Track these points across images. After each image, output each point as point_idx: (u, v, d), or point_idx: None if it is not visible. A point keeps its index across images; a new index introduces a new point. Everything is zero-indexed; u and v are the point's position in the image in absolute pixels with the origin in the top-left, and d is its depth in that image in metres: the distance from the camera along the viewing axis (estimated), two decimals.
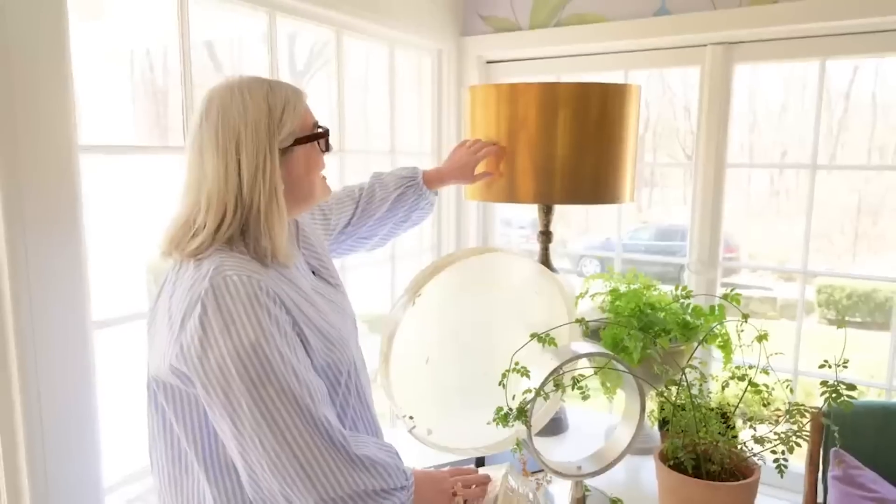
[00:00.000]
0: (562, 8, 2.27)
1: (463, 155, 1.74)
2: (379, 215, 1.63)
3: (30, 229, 1.21)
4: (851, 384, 1.23)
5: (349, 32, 2.05)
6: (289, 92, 1.14)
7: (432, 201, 1.72)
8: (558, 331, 1.44)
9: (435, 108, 2.52)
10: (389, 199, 1.63)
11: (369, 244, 1.71)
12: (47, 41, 1.22)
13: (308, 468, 1.01)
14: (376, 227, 1.66)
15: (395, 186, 1.64)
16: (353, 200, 1.62)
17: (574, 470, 1.42)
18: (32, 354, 1.23)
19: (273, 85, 1.13)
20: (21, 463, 1.24)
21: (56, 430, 1.29)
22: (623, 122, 1.70)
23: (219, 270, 1.02)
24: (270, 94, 1.11)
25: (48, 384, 1.26)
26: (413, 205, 1.68)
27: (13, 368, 1.21)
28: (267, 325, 1.01)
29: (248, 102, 1.09)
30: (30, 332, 1.22)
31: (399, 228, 1.72)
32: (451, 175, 1.73)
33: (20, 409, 1.23)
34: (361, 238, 1.67)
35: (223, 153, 1.07)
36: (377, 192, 1.63)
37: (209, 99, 1.11)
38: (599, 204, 1.73)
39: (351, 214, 1.61)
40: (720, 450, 1.30)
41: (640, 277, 1.82)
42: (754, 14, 1.96)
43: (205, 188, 1.08)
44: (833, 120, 12.82)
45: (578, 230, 12.41)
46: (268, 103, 1.10)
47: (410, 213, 1.69)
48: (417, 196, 1.67)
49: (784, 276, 10.56)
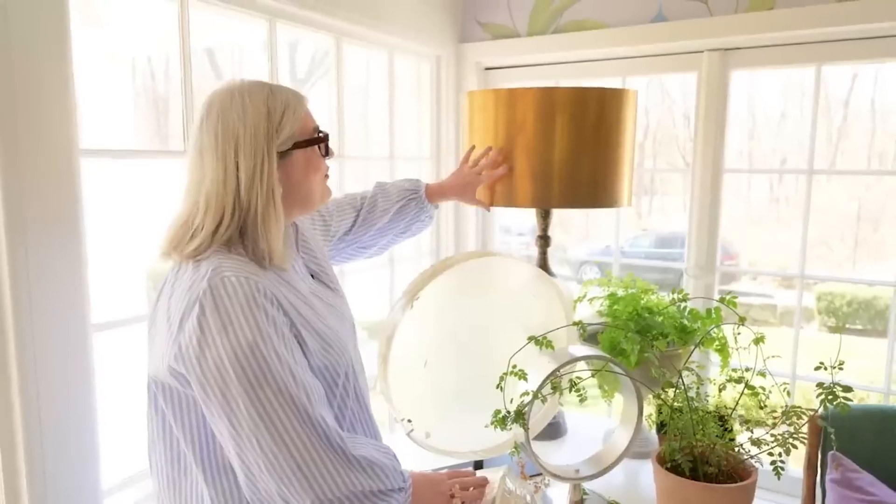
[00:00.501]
0: (560, 15, 2.28)
1: (467, 174, 1.74)
2: (380, 226, 1.64)
3: (30, 232, 1.22)
4: (848, 386, 1.23)
5: (349, 39, 2.07)
6: (289, 96, 1.15)
7: (432, 214, 1.73)
8: (556, 334, 1.45)
9: (434, 114, 2.54)
10: (391, 210, 1.64)
11: (368, 253, 1.72)
12: (49, 45, 1.23)
13: (305, 468, 1.02)
14: (376, 238, 1.67)
15: (397, 198, 1.65)
16: (354, 209, 1.62)
17: (572, 473, 1.42)
18: (32, 357, 1.23)
19: (274, 89, 1.14)
20: (20, 465, 1.24)
21: (55, 433, 1.29)
22: (620, 126, 1.71)
23: (217, 272, 1.03)
24: (270, 97, 1.12)
25: (47, 386, 1.27)
26: (414, 217, 1.69)
27: (13, 370, 1.22)
28: (264, 325, 1.02)
29: (247, 105, 1.10)
30: (29, 334, 1.23)
31: (398, 239, 1.74)
32: (453, 192, 1.74)
33: (19, 411, 1.23)
34: (361, 247, 1.68)
35: (222, 155, 1.08)
36: (379, 202, 1.64)
37: (210, 102, 1.12)
38: (597, 207, 1.74)
39: (352, 222, 1.62)
40: (717, 452, 1.31)
41: (638, 282, 1.83)
42: (750, 20, 1.97)
43: (203, 189, 1.09)
44: (832, 127, 12.83)
45: (578, 237, 12.42)
46: (267, 107, 1.11)
47: (410, 225, 1.70)
48: (419, 209, 1.68)
49: (784, 283, 10.56)
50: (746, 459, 1.31)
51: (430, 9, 2.31)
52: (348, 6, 1.94)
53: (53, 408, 1.28)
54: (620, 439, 1.45)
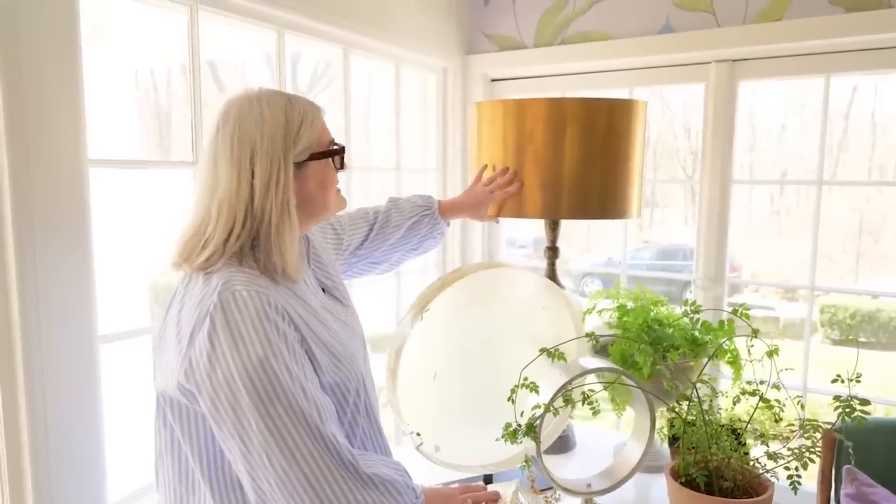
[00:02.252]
0: (566, 26, 2.28)
1: (480, 192, 1.74)
2: (392, 241, 1.63)
3: (38, 241, 1.21)
4: (865, 399, 1.21)
5: (356, 50, 2.07)
6: (307, 107, 1.14)
7: (444, 231, 1.73)
8: (565, 346, 1.43)
9: (440, 125, 2.53)
10: (404, 225, 1.63)
11: (379, 269, 1.71)
12: (59, 57, 1.23)
13: (317, 485, 1.00)
14: (388, 253, 1.66)
15: (410, 213, 1.64)
16: (367, 223, 1.61)
17: (584, 487, 1.40)
18: (39, 368, 1.22)
19: (292, 99, 1.13)
20: (26, 479, 1.23)
21: (61, 446, 1.27)
22: (630, 137, 1.70)
23: (228, 285, 1.01)
24: (289, 107, 1.11)
25: (54, 399, 1.25)
26: (426, 234, 1.68)
27: (20, 383, 1.20)
28: (275, 340, 1.00)
29: (265, 114, 1.08)
30: (37, 344, 1.21)
31: (409, 256, 1.72)
32: (466, 209, 1.74)
33: (26, 424, 1.21)
34: (372, 262, 1.66)
35: (237, 163, 1.06)
36: (392, 216, 1.63)
37: (227, 108, 1.10)
38: (607, 219, 1.73)
39: (364, 236, 1.60)
40: (732, 466, 1.29)
41: (648, 293, 1.81)
42: (759, 31, 1.97)
43: (217, 197, 1.07)
44: (833, 140, 12.86)
45: (580, 249, 12.41)
46: (286, 116, 1.09)
47: (422, 242, 1.69)
48: (431, 225, 1.68)
49: (787, 295, 10.54)
50: (762, 474, 1.29)
51: (437, 20, 2.31)
52: (357, 17, 1.94)
53: (60, 421, 1.26)
54: (633, 453, 1.43)
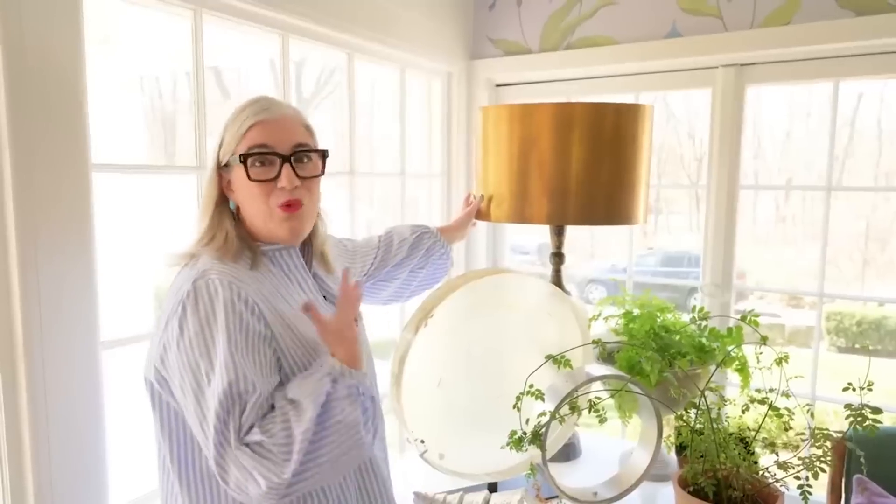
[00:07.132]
0: (572, 31, 2.27)
1: (462, 216, 1.86)
2: (399, 258, 1.65)
3: (42, 246, 1.20)
4: (877, 408, 1.19)
5: (360, 55, 2.06)
6: (250, 108, 1.14)
7: (448, 251, 1.76)
8: (571, 353, 1.42)
9: (444, 130, 2.52)
10: (408, 241, 1.67)
11: (386, 292, 1.69)
12: (64, 62, 1.22)
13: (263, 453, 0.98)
14: (395, 271, 1.66)
15: (411, 232, 1.70)
16: (373, 247, 1.64)
17: (590, 496, 1.38)
18: (41, 373, 1.21)
19: (253, 100, 1.16)
20: (28, 486, 1.22)
21: (63, 452, 1.26)
22: (637, 143, 1.69)
23: (203, 274, 1.05)
24: (239, 107, 1.15)
25: (55, 405, 1.24)
26: (430, 250, 1.71)
27: (22, 388, 1.19)
28: (234, 331, 1.02)
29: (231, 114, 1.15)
30: (39, 350, 1.21)
31: (415, 278, 1.72)
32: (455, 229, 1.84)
33: (28, 430, 1.20)
34: (381, 281, 1.65)
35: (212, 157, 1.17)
36: (395, 236, 1.67)
37: None
38: (613, 225, 1.72)
39: (373, 258, 1.62)
40: (741, 475, 1.27)
41: (655, 300, 1.80)
42: (766, 35, 1.95)
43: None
44: (838, 147, 12.82)
45: (583, 255, 12.38)
46: (233, 116, 1.15)
47: (428, 259, 1.71)
48: (433, 241, 1.71)
49: (792, 302, 10.48)
50: (771, 483, 1.27)
51: (441, 25, 2.30)
52: (361, 22, 1.93)
53: (62, 427, 1.25)
54: (640, 461, 1.41)
